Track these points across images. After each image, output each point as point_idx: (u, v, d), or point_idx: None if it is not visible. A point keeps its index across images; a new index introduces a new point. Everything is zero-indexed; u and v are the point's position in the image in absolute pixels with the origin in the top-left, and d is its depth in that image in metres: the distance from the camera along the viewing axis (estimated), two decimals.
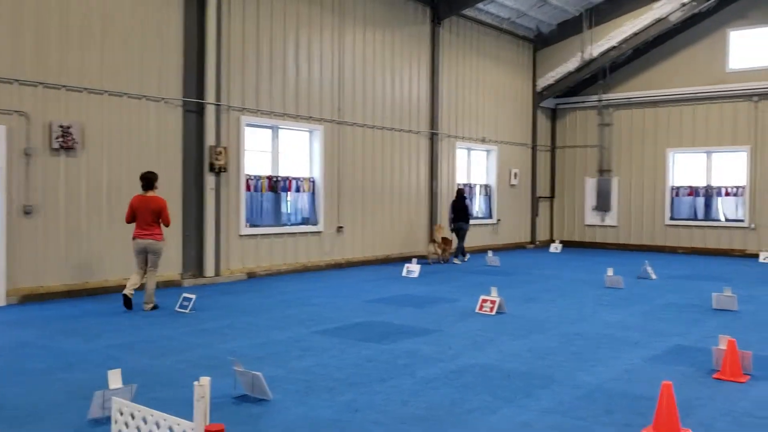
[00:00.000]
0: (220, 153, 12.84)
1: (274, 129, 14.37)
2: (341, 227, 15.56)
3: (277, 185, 14.31)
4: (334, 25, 15.35)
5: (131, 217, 9.80)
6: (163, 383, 6.07)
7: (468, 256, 17.76)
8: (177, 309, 9.72)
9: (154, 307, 9.78)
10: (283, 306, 10.30)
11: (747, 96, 19.44)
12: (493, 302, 9.72)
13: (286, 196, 14.65)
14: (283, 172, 14.54)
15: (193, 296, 9.85)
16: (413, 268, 14.12)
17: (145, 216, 9.69)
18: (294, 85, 14.49)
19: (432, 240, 16.94)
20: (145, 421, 4.21)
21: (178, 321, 9.01)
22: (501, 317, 9.42)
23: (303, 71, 14.67)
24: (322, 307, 10.24)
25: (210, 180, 12.81)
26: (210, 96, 12.73)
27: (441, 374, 6.42)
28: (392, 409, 5.41)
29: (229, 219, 13.24)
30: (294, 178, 14.68)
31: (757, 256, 18.70)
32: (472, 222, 19.32)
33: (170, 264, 12.15)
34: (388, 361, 6.90)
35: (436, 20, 17.97)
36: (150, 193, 9.82)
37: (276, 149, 14.43)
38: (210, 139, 12.76)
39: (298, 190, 14.76)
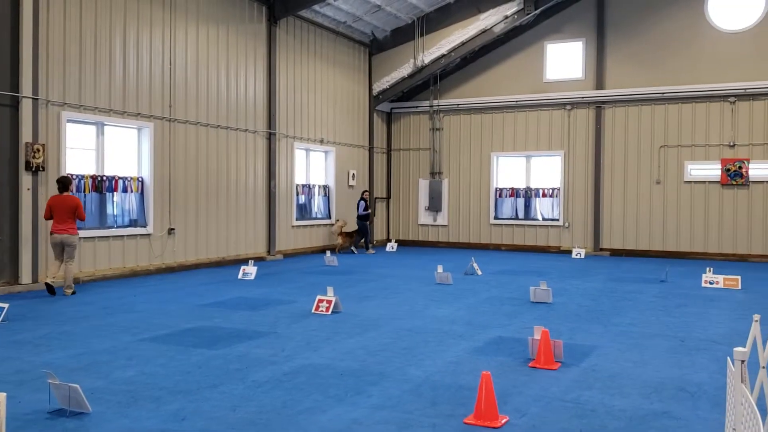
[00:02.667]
0: (38, 150, 11.88)
1: (99, 126, 13.53)
2: (173, 229, 14.98)
3: (102, 185, 13.48)
4: (165, 20, 14.75)
5: (49, 215, 11.30)
6: None
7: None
8: None
9: (74, 292, 11.37)
10: (106, 313, 9.73)
11: (561, 105, 21.15)
12: (329, 302, 9.80)
13: (113, 196, 13.84)
14: (109, 172, 13.73)
15: (5, 305, 9.07)
16: (250, 270, 13.90)
17: (62, 213, 11.19)
18: (121, 80, 13.73)
19: (339, 233, 19.80)
20: None
21: None
22: (337, 316, 9.53)
23: (131, 66, 13.95)
24: (149, 313, 9.79)
25: (26, 179, 11.83)
26: (26, 89, 11.75)
27: (273, 377, 6.37)
28: (221, 415, 5.29)
29: (47, 221, 12.28)
30: (121, 178, 13.91)
31: (570, 252, 20.41)
32: (312, 222, 19.57)
33: None
34: (219, 367, 6.74)
35: (273, 20, 17.83)
36: (65, 194, 11.34)
37: (101, 147, 13.60)
38: (26, 136, 11.78)
39: (125, 190, 14.00)
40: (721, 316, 9.93)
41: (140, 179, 14.35)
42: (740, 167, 18.98)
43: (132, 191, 14.14)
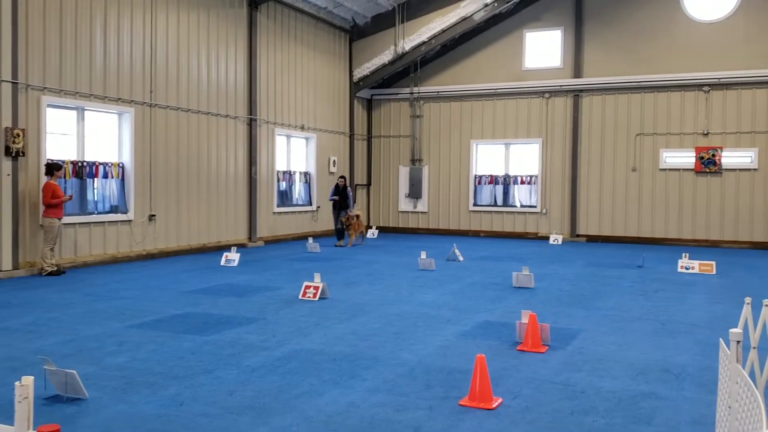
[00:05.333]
0: (18, 135, 11.73)
1: (80, 110, 13.38)
2: (153, 215, 14.89)
3: (82, 171, 13.35)
4: (146, 4, 14.58)
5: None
6: None
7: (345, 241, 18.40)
8: None
9: (45, 273, 11.96)
10: (90, 300, 9.69)
11: (539, 93, 21.34)
12: (316, 288, 9.87)
13: (93, 182, 13.71)
14: (89, 157, 13.60)
15: None
16: (233, 257, 13.89)
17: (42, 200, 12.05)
18: (102, 65, 13.57)
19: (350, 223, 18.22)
20: None
21: None
22: (324, 302, 9.61)
23: (112, 51, 13.78)
24: (134, 300, 9.77)
25: (6, 165, 11.68)
26: (6, 73, 11.59)
27: (267, 362, 6.44)
28: (219, 399, 5.35)
29: (26, 207, 12.15)
30: (102, 164, 13.78)
31: (547, 238, 20.69)
32: (293, 209, 19.58)
33: None
34: (212, 352, 6.78)
35: (254, 4, 17.70)
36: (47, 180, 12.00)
37: (81, 132, 13.46)
38: (6, 120, 11.63)
39: (106, 176, 13.88)
40: (698, 300, 10.20)
41: (121, 165, 14.23)
42: (713, 155, 19.35)
43: (113, 177, 14.02)
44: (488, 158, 22.44)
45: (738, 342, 3.11)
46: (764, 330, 4.78)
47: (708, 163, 19.41)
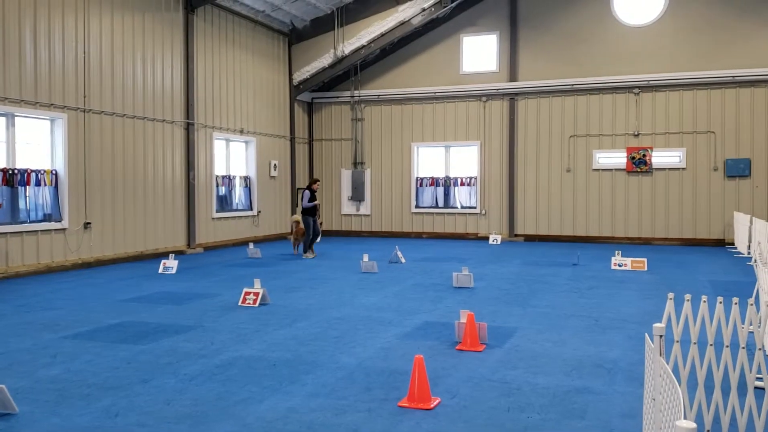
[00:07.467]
0: None
1: (9, 117, 12.94)
2: (89, 223, 14.51)
3: (13, 178, 12.91)
4: (78, 7, 14.21)
5: None
6: None
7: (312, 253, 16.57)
8: None
9: None
10: (22, 311, 9.40)
11: (477, 96, 21.70)
12: (256, 294, 9.81)
13: (25, 190, 13.27)
14: (20, 164, 13.17)
15: None
16: (171, 264, 13.66)
17: None
18: (32, 70, 13.16)
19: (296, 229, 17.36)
20: None
21: None
22: (265, 308, 9.56)
23: (42, 55, 13.38)
24: (69, 310, 9.52)
25: None
26: None
27: (205, 370, 6.38)
28: (156, 409, 5.28)
29: None
30: (34, 171, 13.36)
31: (487, 238, 21.04)
32: (233, 214, 19.38)
33: None
34: (148, 362, 6.68)
35: (190, 7, 17.45)
36: None
37: (11, 139, 13.01)
38: None
39: (38, 183, 13.46)
40: (630, 296, 10.56)
41: (54, 172, 13.82)
42: (644, 155, 20.05)
43: (45, 184, 13.60)
44: (429, 160, 22.68)
45: (661, 336, 3.27)
46: (686, 324, 5.01)
47: (639, 163, 20.09)
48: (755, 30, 18.94)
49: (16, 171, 12.99)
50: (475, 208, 21.97)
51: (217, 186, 19.08)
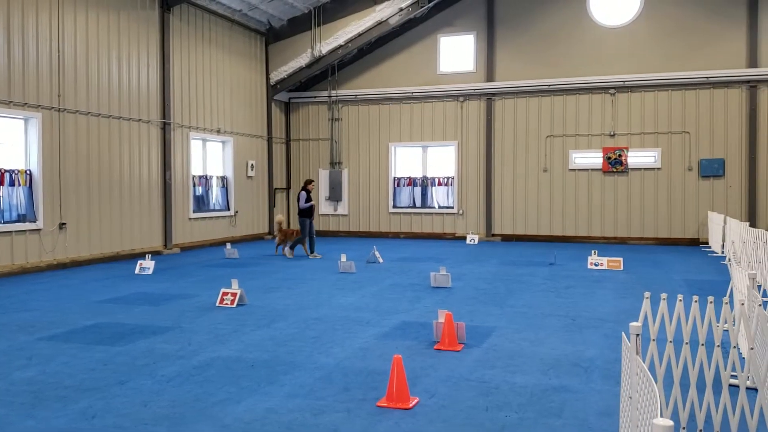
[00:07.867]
0: None
1: None
2: (64, 224, 14.33)
3: None
4: (52, 5, 14.02)
5: None
6: None
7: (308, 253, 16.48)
8: None
9: None
10: None
11: (454, 96, 21.78)
12: (233, 295, 9.75)
13: None
14: None
15: None
16: (147, 265, 13.54)
17: None
18: (5, 68, 12.96)
19: (279, 230, 17.16)
20: None
21: None
22: (242, 309, 9.51)
23: (16, 54, 13.18)
24: (44, 311, 9.39)
25: None
26: None
27: (183, 371, 6.34)
28: (132, 411, 5.23)
29: None
30: (7, 171, 13.16)
31: (465, 238, 21.13)
32: (210, 214, 19.26)
33: None
34: (125, 363, 6.62)
35: (166, 6, 17.30)
36: None
37: None
38: None
39: (12, 183, 13.26)
40: (606, 295, 10.68)
41: (28, 172, 13.62)
42: (620, 155, 20.27)
43: (20, 185, 13.40)
44: (406, 160, 22.72)
45: (638, 335, 3.31)
46: (662, 323, 5.08)
47: (615, 163, 20.31)
48: (727, 31, 19.24)
49: None
50: (452, 208, 22.05)
51: (194, 186, 18.94)
